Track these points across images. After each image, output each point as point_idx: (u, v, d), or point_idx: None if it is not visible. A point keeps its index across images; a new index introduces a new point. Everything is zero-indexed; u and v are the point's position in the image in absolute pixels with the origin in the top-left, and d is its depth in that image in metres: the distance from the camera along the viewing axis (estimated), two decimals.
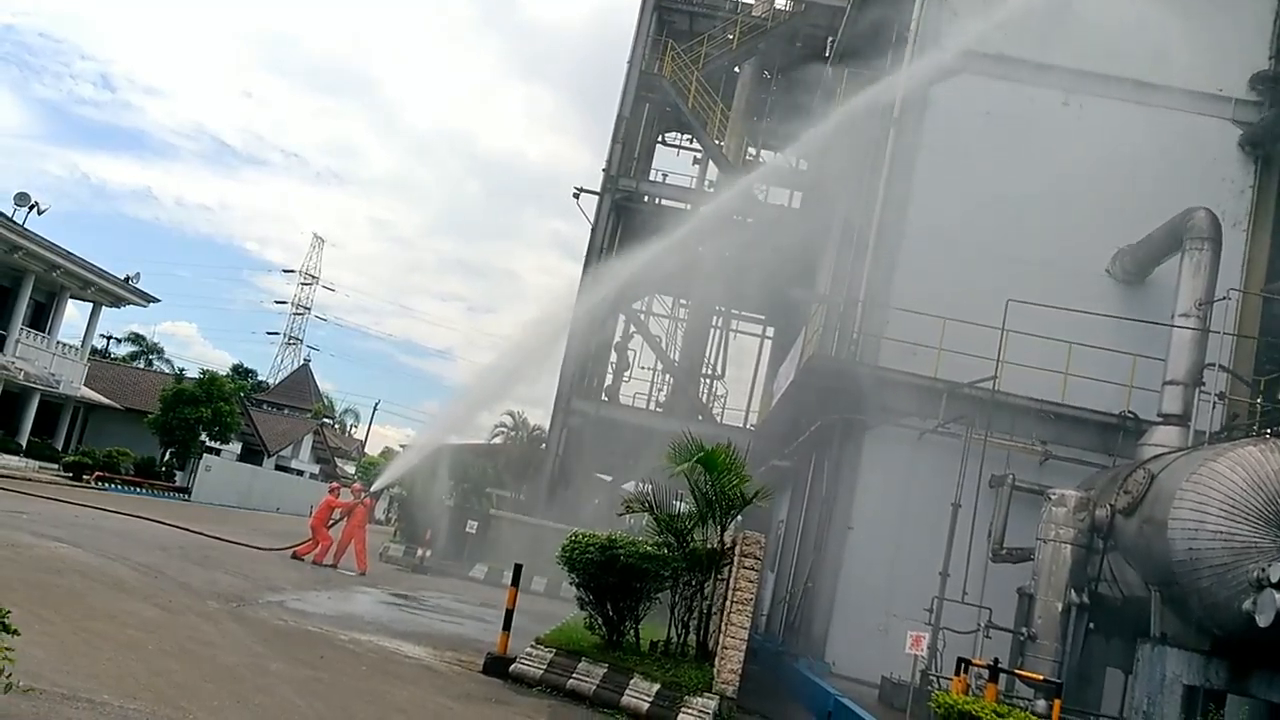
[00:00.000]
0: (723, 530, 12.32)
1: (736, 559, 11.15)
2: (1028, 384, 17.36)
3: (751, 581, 11.00)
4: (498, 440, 36.39)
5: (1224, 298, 16.38)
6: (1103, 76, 19.23)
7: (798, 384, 20.54)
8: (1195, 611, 11.90)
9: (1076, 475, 16.95)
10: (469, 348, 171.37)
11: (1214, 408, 16.31)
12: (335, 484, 26.69)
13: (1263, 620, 10.82)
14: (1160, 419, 15.77)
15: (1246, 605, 11.11)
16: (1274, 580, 10.85)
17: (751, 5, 35.87)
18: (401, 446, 53.21)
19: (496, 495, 33.08)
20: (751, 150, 35.23)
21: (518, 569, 12.52)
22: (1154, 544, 12.41)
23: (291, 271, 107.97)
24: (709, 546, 12.24)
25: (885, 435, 18.36)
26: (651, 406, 34.62)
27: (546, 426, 32.19)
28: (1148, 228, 17.75)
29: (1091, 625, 14.17)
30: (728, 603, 11.14)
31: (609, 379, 36.30)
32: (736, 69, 35.25)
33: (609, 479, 34.71)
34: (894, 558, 17.68)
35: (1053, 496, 14.80)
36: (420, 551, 28.76)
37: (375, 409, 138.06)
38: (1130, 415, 17.16)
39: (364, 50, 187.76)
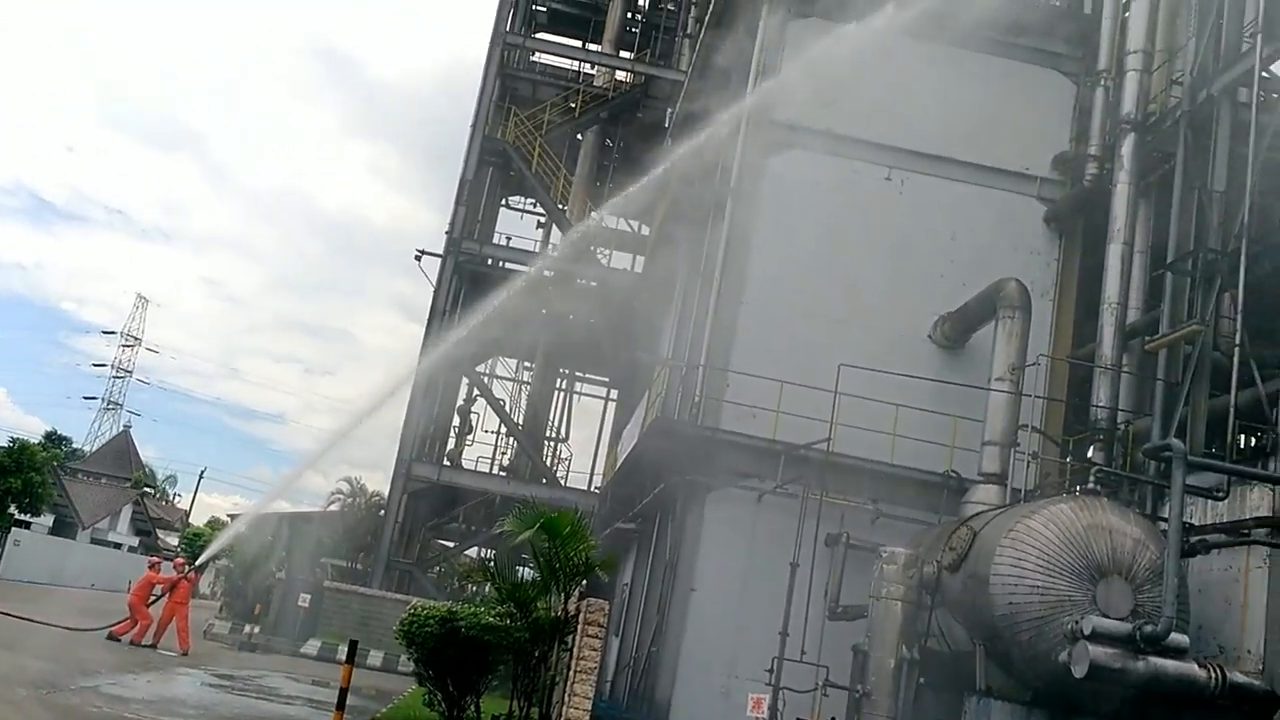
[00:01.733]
0: (567, 598, 12.27)
1: (580, 627, 11.12)
2: (860, 444, 17.97)
3: (595, 649, 10.98)
4: (334, 508, 35.35)
5: (1034, 363, 17.45)
6: (922, 154, 20.37)
7: (641, 447, 20.74)
8: (1017, 664, 12.46)
9: (907, 533, 17.58)
10: (305, 411, 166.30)
11: (1028, 466, 17.27)
12: (156, 558, 25.39)
13: (1078, 671, 11.41)
14: (981, 478, 16.60)
15: (1063, 657, 11.70)
16: (1087, 633, 11.48)
17: (593, 75, 36.64)
18: (229, 516, 51.04)
19: (332, 566, 32.04)
20: (595, 215, 35.71)
21: (353, 645, 12.15)
22: (977, 599, 12.97)
23: (112, 333, 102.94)
24: (553, 615, 12.16)
25: (727, 497, 18.68)
26: (495, 471, 34.29)
27: (385, 493, 31.47)
28: (965, 296, 18.79)
29: (922, 680, 14.63)
30: (571, 672, 11.07)
31: (451, 443, 35.84)
32: (579, 136, 35.86)
33: (451, 545, 34.11)
34: (737, 619, 17.91)
35: (884, 554, 15.31)
36: (248, 628, 27.53)
37: (201, 476, 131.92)
38: (953, 474, 17.95)
39: (197, 104, 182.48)
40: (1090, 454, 18.00)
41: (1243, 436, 18.91)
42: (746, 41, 21.19)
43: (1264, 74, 15.87)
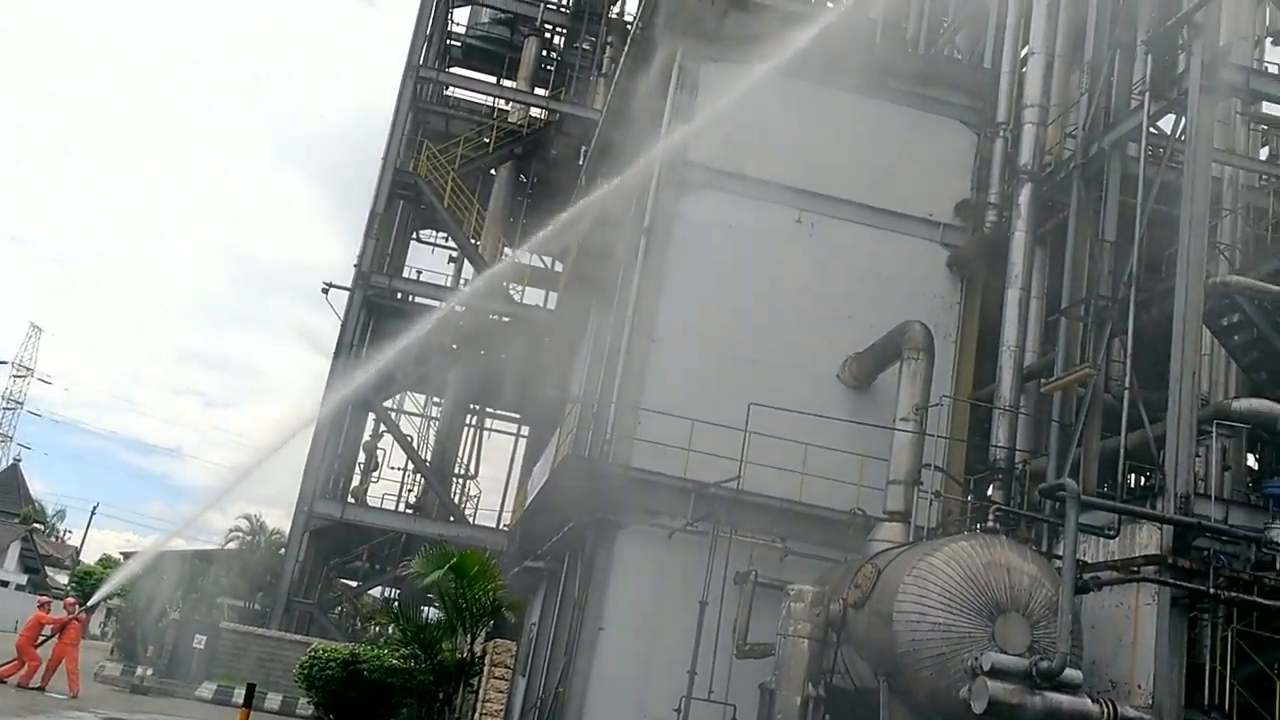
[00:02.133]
0: (473, 639, 12.13)
1: (486, 668, 10.99)
2: (769, 482, 18.18)
3: (501, 691, 10.87)
4: (232, 545, 34.38)
5: (937, 404, 17.89)
6: (832, 199, 20.81)
7: (551, 484, 20.65)
8: (919, 700, 12.66)
9: (814, 570, 17.77)
10: (204, 445, 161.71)
11: (931, 504, 17.62)
12: (45, 597, 24.42)
13: (977, 707, 11.64)
14: (886, 516, 16.89)
15: (963, 693, 11.93)
16: (986, 669, 11.73)
17: (508, 111, 36.72)
18: (122, 554, 49.30)
19: (229, 606, 31.11)
20: (508, 250, 35.69)
21: (250, 688, 11.83)
22: (881, 636, 13.17)
23: (3, 363, 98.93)
24: (459, 656, 12.00)
25: (637, 535, 18.69)
26: (401, 509, 33.75)
27: (286, 530, 30.75)
28: (873, 337, 19.19)
29: (828, 717, 14.77)
30: (477, 715, 10.93)
31: (356, 480, 35.22)
32: (493, 171, 35.86)
33: (354, 585, 33.43)
34: (646, 658, 17.86)
35: (791, 592, 15.47)
36: (140, 670, 26.56)
37: (93, 512, 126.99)
38: (860, 512, 18.22)
39: (97, 128, 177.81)
40: (990, 492, 18.45)
41: (1133, 476, 19.59)
42: (661, 83, 21.49)
43: (1151, 130, 16.64)
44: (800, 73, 20.56)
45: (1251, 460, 21.23)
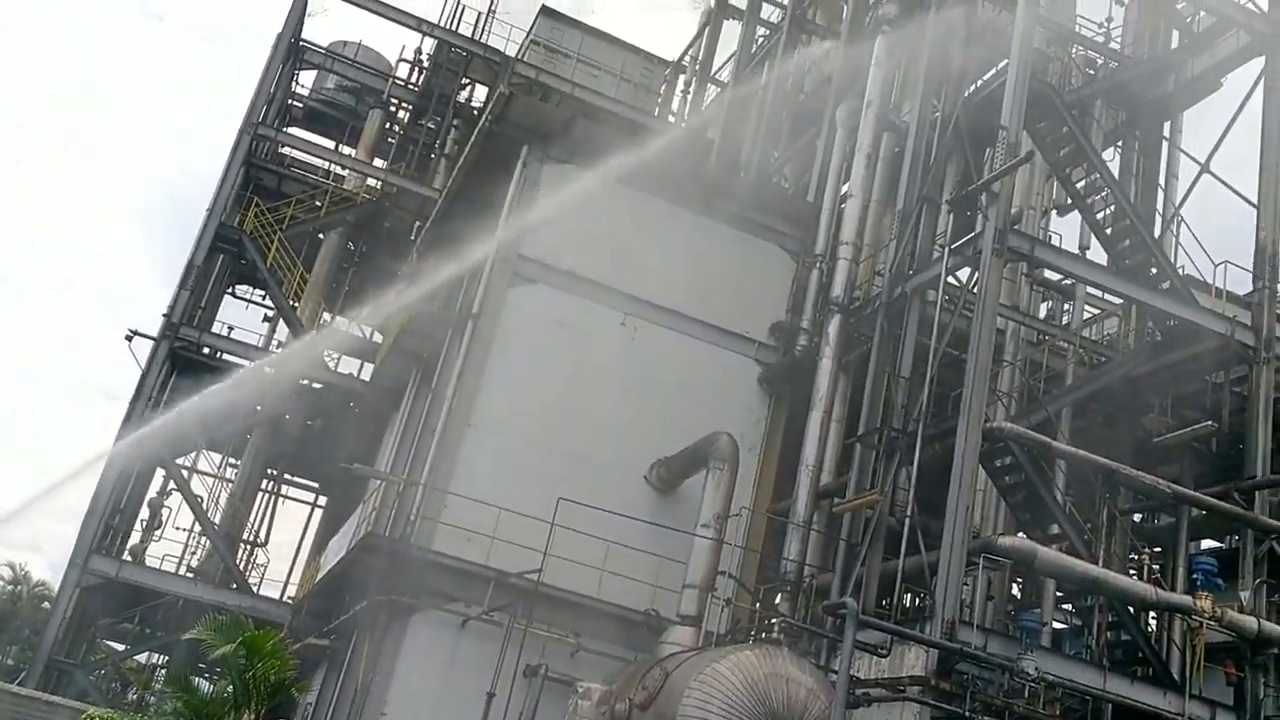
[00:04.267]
0: (257, 717, 11.82)
1: None
2: (570, 577, 18.42)
3: None
4: None
5: (737, 514, 18.72)
6: (657, 306, 21.62)
7: (348, 561, 20.28)
8: None
9: (605, 668, 18.06)
10: None
11: (722, 611, 18.28)
12: None
13: None
14: (678, 619, 17.44)
15: None
16: None
17: (344, 178, 36.50)
18: None
19: None
20: (328, 316, 35.11)
21: None
22: None
23: None
24: None
25: (430, 620, 18.54)
26: (183, 572, 32.13)
27: (52, 583, 28.79)
28: (684, 443, 19.91)
29: None
30: None
31: (137, 538, 33.40)
32: (322, 235, 35.42)
33: (122, 648, 31.47)
34: None
35: (579, 689, 15.71)
36: None
37: None
38: (654, 613, 18.69)
39: None
40: (778, 603, 19.27)
41: (909, 597, 20.85)
42: (503, 175, 22.04)
43: (949, 281, 18.21)
44: (638, 183, 21.56)
45: (1016, 590, 22.97)
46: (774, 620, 18.06)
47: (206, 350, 31.38)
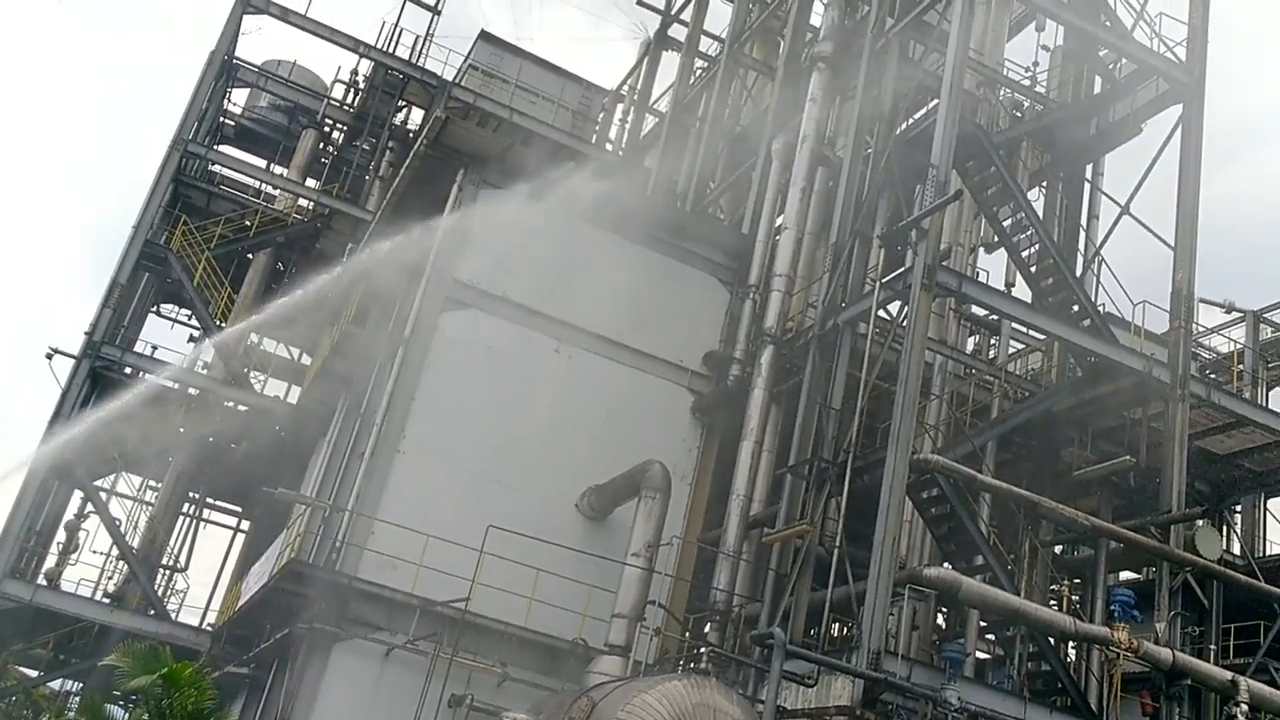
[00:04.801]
0: None
1: None
2: (497, 606, 18.24)
3: None
4: None
5: (668, 543, 18.70)
6: (591, 334, 21.64)
7: (271, 588, 19.85)
8: None
9: (531, 698, 17.88)
10: None
11: (651, 640, 18.22)
12: None
13: None
14: (607, 648, 17.34)
15: None
16: None
17: (275, 198, 36.03)
18: None
19: None
20: (254, 338, 34.50)
21: None
22: None
23: None
24: None
25: (354, 649, 18.22)
26: (99, 597, 31.20)
27: None
28: (616, 471, 19.88)
29: None
30: None
31: (52, 561, 32.37)
32: (250, 255, 34.87)
33: (34, 674, 30.42)
34: None
35: (505, 719, 15.51)
36: None
37: None
38: (582, 642, 18.56)
39: None
40: (707, 632, 19.28)
41: (836, 626, 21.01)
42: (438, 199, 21.95)
43: (880, 314, 18.50)
44: (574, 210, 21.60)
45: (941, 620, 23.24)
46: (702, 650, 18.07)
47: (129, 370, 30.65)
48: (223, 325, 31.76)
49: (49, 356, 28.80)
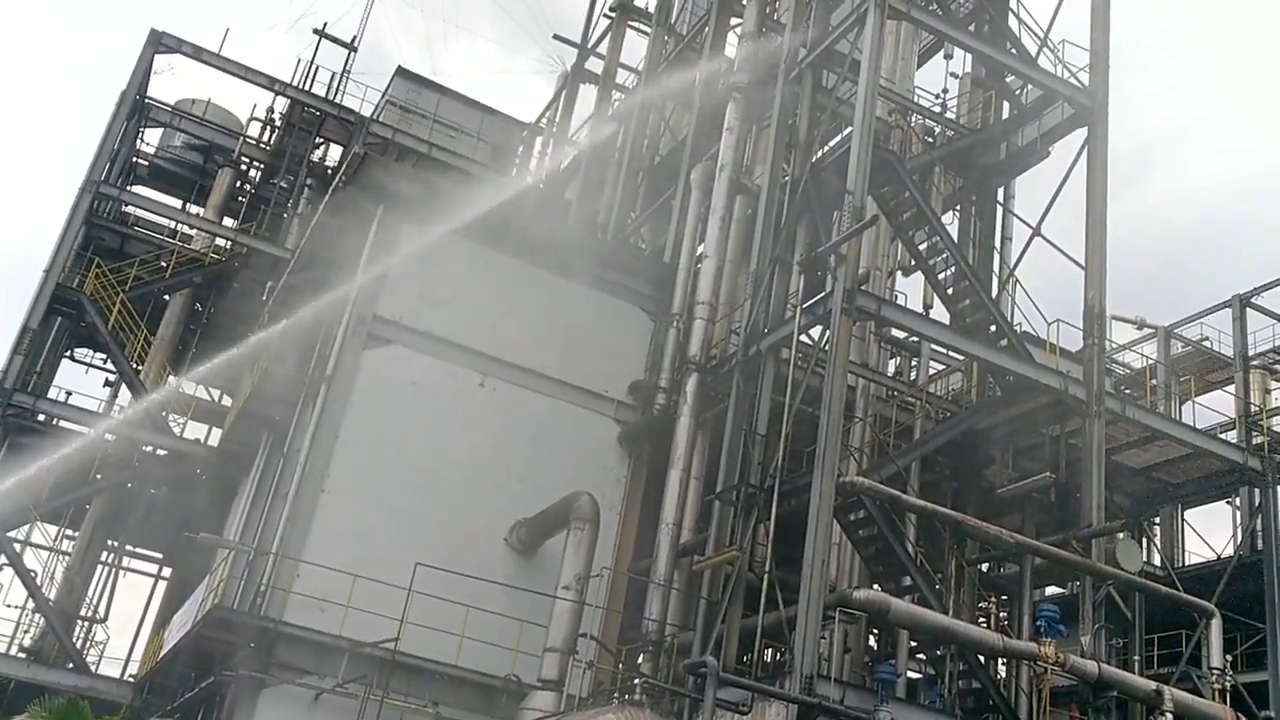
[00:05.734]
0: None
1: None
2: (428, 644, 17.96)
3: None
4: None
5: (598, 574, 18.60)
6: (515, 366, 21.56)
7: (194, 635, 19.32)
8: None
9: None
10: None
11: (584, 674, 18.07)
12: None
13: None
14: (540, 683, 17.15)
15: None
16: None
17: (191, 237, 35.37)
18: None
19: None
20: (173, 380, 33.70)
21: None
22: None
23: None
24: None
25: (282, 695, 17.81)
26: (14, 652, 30.08)
27: None
28: (544, 503, 19.76)
29: None
30: None
31: None
32: (167, 296, 34.12)
33: None
34: None
35: None
36: None
37: None
38: (514, 679, 18.34)
39: None
40: (640, 663, 19.17)
41: (769, 652, 21.03)
42: (358, 235, 21.69)
43: (802, 339, 18.69)
44: (496, 243, 21.60)
45: (872, 642, 23.41)
46: (636, 681, 17.95)
47: (41, 417, 29.77)
48: (139, 368, 31.01)
49: None
